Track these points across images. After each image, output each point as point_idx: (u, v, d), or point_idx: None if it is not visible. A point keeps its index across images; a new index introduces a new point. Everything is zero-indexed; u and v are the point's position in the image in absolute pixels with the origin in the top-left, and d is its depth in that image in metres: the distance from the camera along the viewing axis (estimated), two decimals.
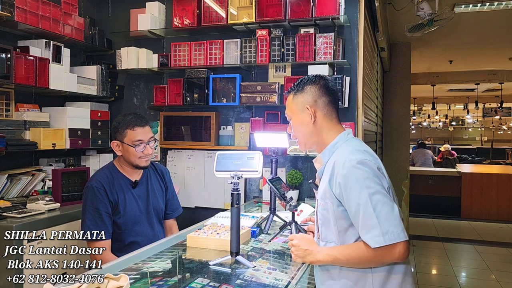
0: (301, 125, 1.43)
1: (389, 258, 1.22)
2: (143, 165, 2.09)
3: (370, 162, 1.27)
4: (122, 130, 2.06)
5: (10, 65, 2.46)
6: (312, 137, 1.43)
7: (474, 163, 11.36)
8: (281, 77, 2.92)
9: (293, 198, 1.84)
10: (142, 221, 2.11)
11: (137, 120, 2.07)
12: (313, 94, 1.41)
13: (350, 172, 1.25)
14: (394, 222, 1.19)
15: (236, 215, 1.52)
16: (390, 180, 1.36)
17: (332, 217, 1.31)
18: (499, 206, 7.07)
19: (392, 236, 1.18)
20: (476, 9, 4.55)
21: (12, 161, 2.81)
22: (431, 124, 19.24)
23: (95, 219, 1.96)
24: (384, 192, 1.23)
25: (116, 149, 2.09)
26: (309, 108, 1.40)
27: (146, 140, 2.06)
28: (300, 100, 1.43)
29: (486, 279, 4.44)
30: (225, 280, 1.42)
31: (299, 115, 1.43)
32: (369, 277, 1.28)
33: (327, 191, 1.31)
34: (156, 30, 3.16)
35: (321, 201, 1.35)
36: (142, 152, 2.05)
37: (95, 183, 2.01)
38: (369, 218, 1.20)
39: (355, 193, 1.23)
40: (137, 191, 2.13)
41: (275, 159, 2.14)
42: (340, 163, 1.28)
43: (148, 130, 2.10)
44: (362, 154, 1.29)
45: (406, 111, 6.45)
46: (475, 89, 10.52)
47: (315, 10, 2.73)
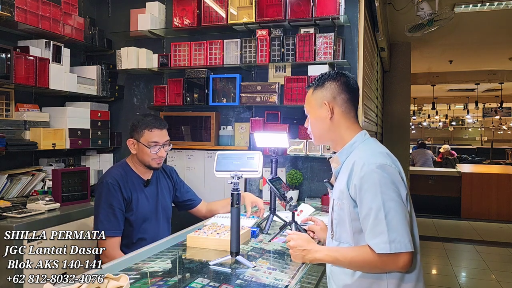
0: (318, 120, 1.42)
1: (392, 266, 1.21)
2: (155, 166, 2.12)
3: (390, 168, 1.25)
4: (140, 130, 2.08)
5: (10, 65, 2.46)
6: (328, 133, 1.41)
7: (474, 163, 11.36)
8: (281, 77, 2.92)
9: (293, 198, 1.84)
10: (151, 219, 2.14)
11: (156, 122, 2.10)
12: (333, 90, 1.39)
13: (368, 175, 1.23)
14: (403, 232, 1.19)
15: (236, 215, 1.52)
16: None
17: (347, 218, 1.30)
18: (499, 206, 7.07)
19: (398, 245, 1.17)
20: (476, 9, 4.56)
21: (12, 161, 2.81)
22: (431, 124, 19.24)
23: (109, 215, 1.97)
24: (399, 200, 1.22)
25: (132, 147, 2.11)
26: (327, 104, 1.38)
27: (161, 143, 2.09)
28: (319, 95, 1.41)
29: (486, 279, 4.44)
30: (225, 280, 1.42)
31: (317, 110, 1.41)
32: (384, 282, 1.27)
33: (344, 191, 1.30)
34: (156, 30, 3.16)
35: (338, 201, 1.34)
36: (156, 154, 2.07)
37: (110, 179, 2.02)
38: (379, 223, 1.19)
39: (370, 196, 1.22)
40: (148, 190, 2.16)
41: (275, 159, 2.14)
42: (359, 164, 1.26)
43: (165, 133, 2.12)
44: (383, 158, 1.27)
45: (406, 111, 6.45)
46: (475, 89, 10.53)
47: (315, 10, 2.73)
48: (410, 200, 1.30)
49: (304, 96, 2.76)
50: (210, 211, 2.35)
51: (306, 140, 2.78)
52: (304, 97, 2.76)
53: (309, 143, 2.77)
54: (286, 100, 2.81)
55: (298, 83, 2.78)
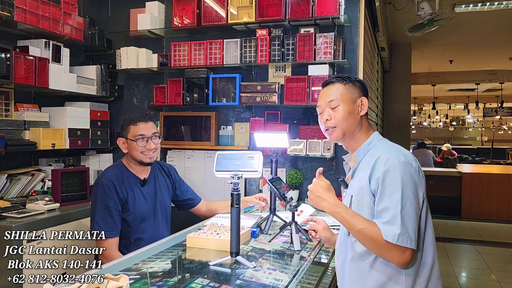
0: (350, 114, 1.42)
1: (394, 257, 1.24)
2: (146, 161, 2.09)
3: (411, 167, 1.29)
4: (126, 127, 2.09)
5: (9, 65, 2.45)
6: (354, 128, 1.43)
7: (474, 163, 11.35)
8: (281, 77, 2.91)
9: (293, 198, 1.83)
10: (149, 218, 2.13)
11: (140, 116, 2.11)
12: (364, 90, 1.46)
13: (392, 169, 1.27)
14: (411, 230, 1.23)
15: (236, 215, 1.52)
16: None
17: (367, 213, 1.32)
18: (499, 206, 7.06)
19: (405, 240, 1.22)
20: (476, 9, 4.56)
21: (12, 161, 2.81)
22: (432, 124, 19.24)
23: (105, 216, 1.97)
24: (415, 200, 1.26)
25: (122, 146, 2.11)
26: (363, 100, 1.44)
27: (148, 135, 2.08)
28: (355, 90, 1.44)
29: (486, 279, 4.44)
30: (225, 280, 1.42)
31: (351, 104, 1.43)
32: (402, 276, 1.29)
33: (365, 187, 1.32)
34: (156, 30, 3.16)
35: (357, 197, 1.36)
36: (144, 147, 2.06)
37: (105, 181, 2.01)
38: (395, 215, 1.23)
39: (391, 189, 1.25)
40: (146, 189, 2.15)
41: (275, 159, 2.14)
42: (384, 159, 1.30)
43: (151, 125, 2.11)
44: (406, 156, 1.31)
45: (407, 111, 6.45)
46: (476, 89, 10.53)
47: (315, 10, 2.72)
48: (426, 200, 1.33)
49: (304, 96, 2.77)
50: (210, 210, 2.34)
51: (306, 140, 2.77)
52: (304, 97, 2.77)
53: (309, 143, 2.76)
54: (286, 100, 2.81)
55: (298, 83, 2.78)
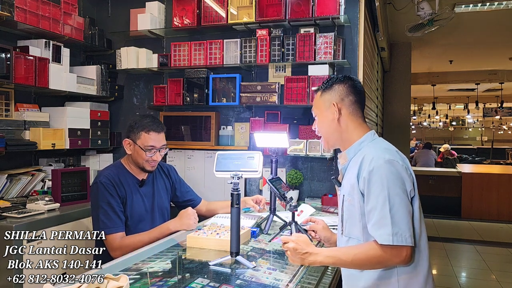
0: (325, 122, 1.44)
1: (396, 260, 1.24)
2: (148, 169, 2.09)
3: (397, 164, 1.28)
4: (137, 131, 2.06)
5: (9, 65, 2.45)
6: (335, 134, 1.44)
7: (474, 163, 11.36)
8: (281, 77, 2.91)
9: (293, 198, 1.83)
10: (147, 219, 2.12)
11: (154, 124, 2.07)
12: (340, 92, 1.43)
13: (376, 169, 1.27)
14: (405, 226, 1.22)
15: (236, 215, 1.52)
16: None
17: (358, 212, 1.32)
18: (499, 206, 7.06)
19: (400, 239, 1.21)
20: (476, 9, 4.56)
21: (12, 161, 2.81)
22: (431, 124, 19.23)
23: (108, 212, 1.96)
24: (404, 196, 1.25)
25: (127, 147, 2.09)
26: (335, 104, 1.42)
27: (158, 147, 2.07)
28: (327, 97, 1.44)
29: (486, 279, 4.43)
30: (225, 280, 1.42)
31: (325, 112, 1.44)
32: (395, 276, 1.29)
33: (355, 185, 1.32)
34: (156, 30, 3.16)
35: (348, 196, 1.36)
36: (151, 157, 2.05)
37: (103, 179, 2.01)
38: (383, 216, 1.22)
39: (377, 189, 1.25)
40: (144, 190, 2.14)
41: (275, 159, 2.14)
42: (368, 159, 1.30)
43: (162, 137, 2.10)
44: (391, 154, 1.31)
45: (406, 111, 6.45)
46: (476, 89, 10.53)
47: (315, 10, 2.72)
48: (418, 198, 1.33)
49: (304, 96, 2.77)
50: (210, 210, 2.34)
51: (306, 140, 2.77)
52: (304, 97, 2.77)
53: (309, 143, 2.77)
54: (286, 100, 2.81)
55: (298, 83, 2.78)
